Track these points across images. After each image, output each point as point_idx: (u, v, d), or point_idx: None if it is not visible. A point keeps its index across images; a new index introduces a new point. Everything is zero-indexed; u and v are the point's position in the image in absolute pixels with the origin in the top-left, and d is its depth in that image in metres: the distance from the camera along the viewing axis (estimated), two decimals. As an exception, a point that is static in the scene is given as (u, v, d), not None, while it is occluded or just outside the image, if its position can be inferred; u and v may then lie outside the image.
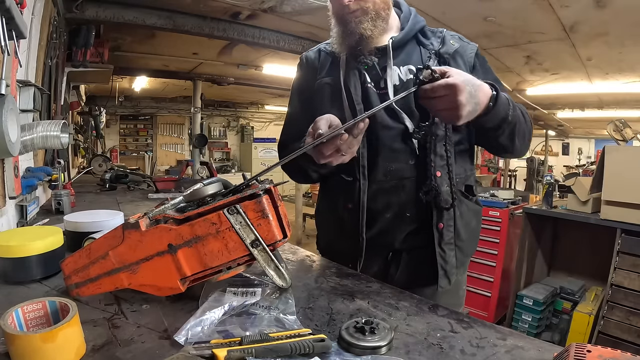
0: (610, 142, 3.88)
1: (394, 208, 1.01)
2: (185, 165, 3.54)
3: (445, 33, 1.04)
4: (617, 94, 5.07)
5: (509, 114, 0.88)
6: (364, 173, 1.00)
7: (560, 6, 2.63)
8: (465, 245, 1.05)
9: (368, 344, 0.57)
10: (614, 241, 2.30)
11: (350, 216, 1.03)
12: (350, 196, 1.02)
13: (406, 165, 0.99)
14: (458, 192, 1.01)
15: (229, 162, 10.21)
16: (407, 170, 0.99)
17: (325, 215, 1.18)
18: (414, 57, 1.02)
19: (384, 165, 1.00)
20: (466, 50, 1.02)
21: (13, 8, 0.91)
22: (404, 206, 1.00)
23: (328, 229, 1.18)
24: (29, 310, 0.57)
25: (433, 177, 0.96)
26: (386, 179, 1.00)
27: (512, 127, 0.91)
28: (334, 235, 1.13)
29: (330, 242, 1.17)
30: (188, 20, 3.10)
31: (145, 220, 0.70)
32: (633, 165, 2.15)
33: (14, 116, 1.04)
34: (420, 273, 1.03)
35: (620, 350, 0.47)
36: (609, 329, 2.30)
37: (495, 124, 0.88)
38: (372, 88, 1.01)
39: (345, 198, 1.04)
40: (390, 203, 1.01)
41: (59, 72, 2.47)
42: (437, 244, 0.99)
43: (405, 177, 1.00)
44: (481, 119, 0.84)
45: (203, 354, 0.52)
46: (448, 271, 1.01)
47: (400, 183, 1.00)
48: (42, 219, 1.52)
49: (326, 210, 1.17)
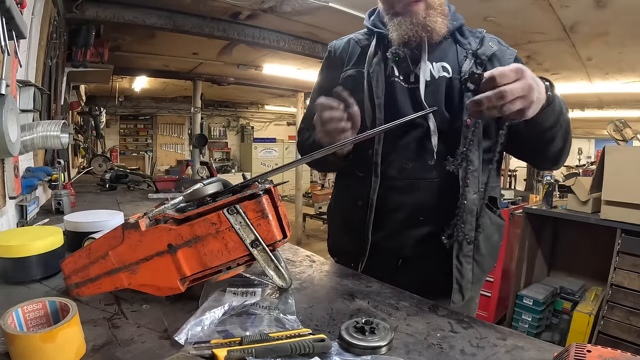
0: (610, 142, 3.88)
1: (406, 209, 0.96)
2: (185, 165, 3.54)
3: (484, 34, 0.99)
4: (617, 94, 5.08)
5: (563, 108, 0.82)
6: (377, 170, 0.96)
7: (560, 6, 2.63)
8: (484, 260, 0.99)
9: (368, 344, 0.57)
10: (614, 241, 2.30)
11: (358, 214, 0.99)
12: (361, 193, 0.99)
13: (424, 165, 0.94)
14: (483, 202, 0.94)
15: (229, 162, 10.22)
16: (425, 171, 0.95)
17: (336, 213, 1.15)
18: (450, 55, 0.97)
19: (399, 162, 0.96)
20: (505, 54, 0.96)
21: (13, 8, 0.91)
22: (417, 208, 0.95)
23: (336, 226, 1.15)
24: (29, 310, 0.57)
25: (462, 181, 0.90)
26: (400, 176, 0.96)
27: (567, 123, 0.84)
28: (341, 233, 1.11)
29: (337, 241, 1.14)
30: (188, 20, 3.10)
31: (145, 220, 0.70)
32: (633, 165, 2.15)
33: (14, 116, 1.04)
34: (431, 285, 0.95)
35: (620, 350, 0.47)
36: (609, 329, 2.30)
37: (553, 120, 0.81)
38: (400, 82, 0.97)
39: (355, 195, 1.01)
40: (402, 203, 0.96)
41: (59, 72, 2.47)
42: (455, 255, 0.93)
43: (422, 177, 0.95)
44: (542, 114, 0.77)
45: (203, 354, 0.52)
46: (463, 286, 0.95)
47: (416, 183, 0.95)
48: (42, 219, 1.52)
49: (337, 207, 1.14)
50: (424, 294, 0.90)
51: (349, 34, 1.12)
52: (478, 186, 0.94)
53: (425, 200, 0.95)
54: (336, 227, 1.16)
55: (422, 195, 0.95)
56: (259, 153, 10.05)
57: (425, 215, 0.96)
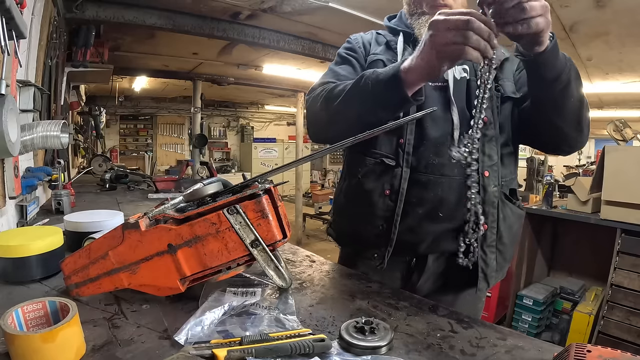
0: (610, 142, 3.88)
1: (427, 205, 0.96)
2: (185, 165, 3.54)
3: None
4: (617, 94, 5.08)
5: (566, 59, 0.78)
6: (408, 160, 0.96)
7: (560, 6, 2.63)
8: (506, 249, 1.02)
9: (368, 344, 0.57)
10: (614, 241, 2.30)
11: (386, 203, 0.99)
12: (390, 182, 0.98)
13: (449, 161, 0.92)
14: (503, 195, 0.99)
15: (229, 162, 10.22)
16: (449, 168, 0.95)
17: (353, 200, 1.10)
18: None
19: (426, 156, 0.96)
20: (513, 60, 1.02)
21: (13, 8, 0.91)
22: (438, 204, 0.96)
23: (354, 214, 1.10)
24: (29, 310, 0.57)
25: (481, 176, 0.93)
26: (426, 171, 0.96)
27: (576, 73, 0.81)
28: (362, 221, 1.06)
29: (354, 228, 1.10)
30: (188, 20, 3.10)
31: (145, 220, 0.70)
32: (633, 165, 2.15)
33: (14, 116, 1.04)
34: (447, 279, 1.01)
35: (620, 350, 0.47)
36: (609, 329, 2.30)
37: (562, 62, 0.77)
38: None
39: (383, 183, 0.99)
40: (424, 198, 0.96)
41: (59, 72, 2.47)
42: (479, 245, 0.94)
43: (446, 174, 0.95)
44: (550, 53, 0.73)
45: (203, 354, 0.52)
46: (488, 274, 0.98)
47: (439, 180, 0.96)
48: (42, 219, 1.52)
49: (356, 194, 1.07)
50: (439, 289, 0.96)
51: (352, 34, 1.12)
52: (498, 180, 0.97)
53: (446, 198, 0.96)
54: (353, 215, 1.11)
55: (444, 192, 0.96)
56: (259, 153, 10.06)
57: (445, 212, 0.96)
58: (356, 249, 1.11)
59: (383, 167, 1.00)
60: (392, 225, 0.98)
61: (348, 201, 1.13)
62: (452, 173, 0.96)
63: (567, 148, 0.98)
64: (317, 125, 1.03)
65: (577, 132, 0.92)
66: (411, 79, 0.78)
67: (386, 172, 0.99)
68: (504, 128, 0.99)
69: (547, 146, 1.05)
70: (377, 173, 1.01)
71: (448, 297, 1.00)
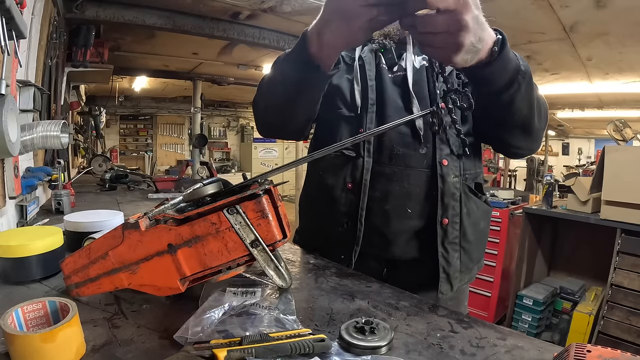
0: (610, 142, 3.88)
1: (393, 200, 0.92)
2: (185, 165, 3.54)
3: None
4: (617, 94, 5.08)
5: (520, 65, 0.70)
6: (369, 149, 0.93)
7: (560, 6, 2.63)
8: (472, 247, 0.96)
9: (368, 344, 0.57)
10: (614, 241, 2.31)
11: (348, 198, 0.95)
12: (351, 174, 0.94)
13: (415, 152, 0.91)
14: (466, 187, 0.94)
15: (229, 162, 10.22)
16: (415, 159, 0.91)
17: (315, 198, 1.05)
18: None
19: (389, 147, 0.92)
20: None
21: (13, 8, 0.91)
22: (405, 199, 0.92)
23: (317, 213, 1.06)
24: (29, 310, 0.57)
25: (439, 164, 0.89)
26: (390, 163, 0.92)
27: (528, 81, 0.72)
28: (324, 220, 1.01)
29: (318, 229, 1.05)
30: (188, 20, 3.10)
31: (145, 220, 0.70)
32: (633, 165, 2.15)
33: (14, 116, 1.04)
34: (419, 279, 0.94)
35: (620, 350, 0.47)
36: (609, 329, 2.30)
37: (508, 78, 0.69)
38: (386, 70, 0.99)
39: (345, 176, 0.96)
40: (390, 192, 0.92)
41: (59, 72, 2.47)
42: (439, 242, 0.90)
43: (412, 166, 0.92)
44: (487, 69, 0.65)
45: (203, 354, 0.52)
46: (451, 275, 0.92)
47: (405, 172, 0.92)
48: (42, 219, 1.52)
49: (317, 191, 1.03)
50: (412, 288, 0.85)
51: None
52: (460, 170, 0.92)
53: (414, 193, 0.92)
54: (316, 214, 1.07)
55: (411, 186, 0.92)
56: (259, 153, 10.05)
57: (414, 207, 0.92)
58: (323, 251, 1.03)
59: (344, 159, 0.96)
60: (357, 222, 0.93)
61: (311, 200, 1.09)
62: (420, 165, 0.92)
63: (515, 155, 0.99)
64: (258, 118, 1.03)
65: (525, 141, 0.89)
66: (319, 39, 0.70)
67: (347, 164, 0.95)
68: (467, 117, 0.94)
69: (498, 151, 1.04)
70: (338, 166, 0.97)
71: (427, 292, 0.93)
